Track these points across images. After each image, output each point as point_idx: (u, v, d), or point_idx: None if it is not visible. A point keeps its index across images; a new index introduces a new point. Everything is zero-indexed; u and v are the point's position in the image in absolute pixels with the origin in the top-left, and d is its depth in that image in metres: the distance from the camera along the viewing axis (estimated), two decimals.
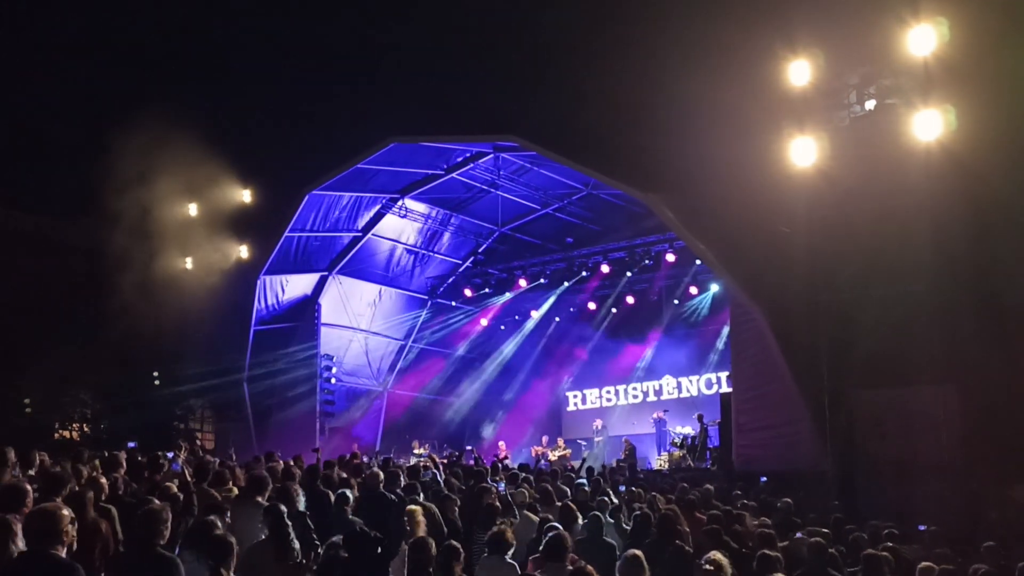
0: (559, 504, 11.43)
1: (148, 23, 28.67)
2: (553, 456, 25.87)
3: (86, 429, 23.83)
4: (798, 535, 11.27)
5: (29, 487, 6.98)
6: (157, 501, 7.83)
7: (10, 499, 6.59)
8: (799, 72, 17.58)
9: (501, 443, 27.56)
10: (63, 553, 5.51)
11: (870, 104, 18.59)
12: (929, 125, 15.81)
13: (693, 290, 27.45)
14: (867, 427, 18.18)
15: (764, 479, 18.11)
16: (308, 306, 27.04)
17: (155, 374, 24.79)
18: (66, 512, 5.65)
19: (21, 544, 5.53)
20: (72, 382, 23.52)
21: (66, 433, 23.59)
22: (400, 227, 27.68)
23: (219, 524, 6.75)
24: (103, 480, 9.00)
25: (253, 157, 24.87)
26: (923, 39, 15.80)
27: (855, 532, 11.72)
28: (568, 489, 13.65)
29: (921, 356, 16.72)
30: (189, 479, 10.11)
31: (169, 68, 29.63)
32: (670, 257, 25.16)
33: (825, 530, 11.27)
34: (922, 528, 13.74)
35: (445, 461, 20.21)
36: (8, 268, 22.55)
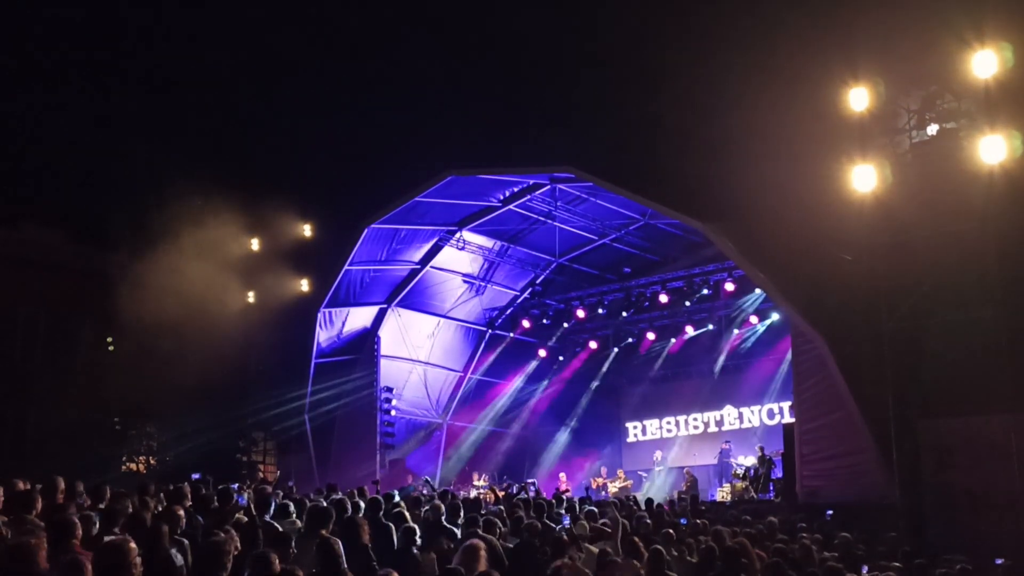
0: (620, 536, 11.29)
1: (209, 61, 29.41)
2: (613, 488, 25.64)
3: (152, 462, 24.22)
4: (865, 569, 11.02)
5: (76, 520, 7.15)
6: (221, 533, 7.91)
7: (59, 532, 6.76)
8: (858, 97, 17.44)
9: (562, 475, 27.41)
10: None
11: (932, 129, 18.33)
12: (992, 150, 15.54)
13: (753, 319, 27.12)
14: (936, 457, 17.69)
15: (830, 512, 17.72)
16: (368, 338, 27.32)
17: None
18: (133, 545, 5.77)
19: None
20: (139, 415, 23.96)
21: (132, 465, 23.99)
22: (458, 259, 27.84)
23: (274, 559, 6.73)
24: (180, 512, 9.05)
25: (313, 192, 25.36)
26: (986, 63, 15.59)
27: (928, 566, 11.41)
28: (627, 521, 13.47)
29: (991, 384, 16.28)
30: (253, 512, 10.17)
31: (230, 105, 30.34)
32: (729, 286, 24.96)
33: (896, 564, 11.02)
34: (999, 562, 13.32)
35: (504, 493, 20.17)
36: (79, 306, 23.11)
